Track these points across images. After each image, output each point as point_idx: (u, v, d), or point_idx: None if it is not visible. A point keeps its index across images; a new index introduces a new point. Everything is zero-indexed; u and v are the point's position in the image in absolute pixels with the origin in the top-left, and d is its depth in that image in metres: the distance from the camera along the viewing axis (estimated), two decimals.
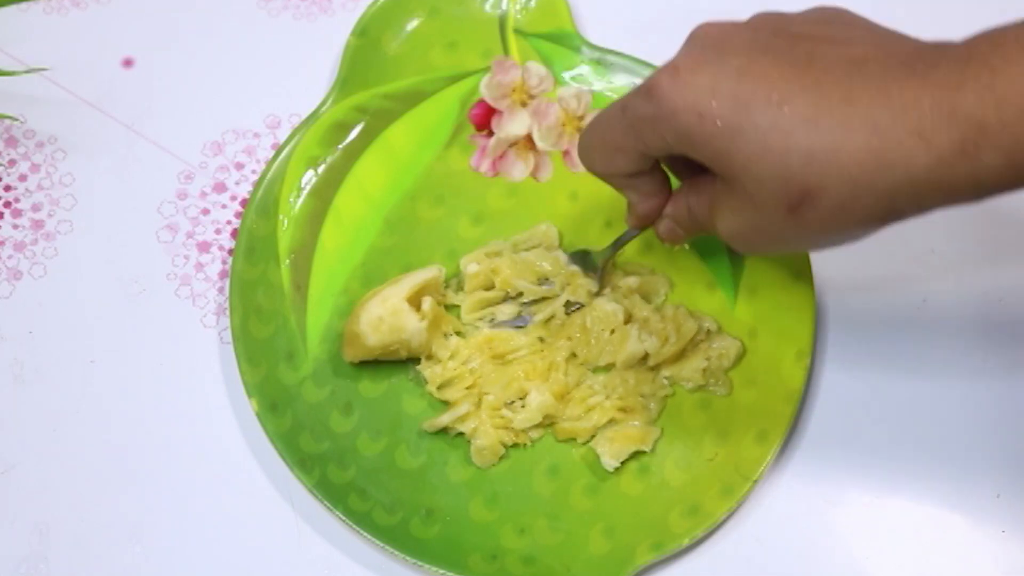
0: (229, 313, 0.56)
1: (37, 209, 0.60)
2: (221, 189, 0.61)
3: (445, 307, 0.57)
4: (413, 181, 0.60)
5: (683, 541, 0.52)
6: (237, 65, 0.64)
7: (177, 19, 0.65)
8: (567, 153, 0.61)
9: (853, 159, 0.39)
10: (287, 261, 0.58)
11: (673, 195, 0.50)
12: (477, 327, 0.56)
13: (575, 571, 0.52)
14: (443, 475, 0.54)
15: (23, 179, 0.61)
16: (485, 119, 0.61)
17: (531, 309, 0.57)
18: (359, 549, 0.53)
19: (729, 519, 0.53)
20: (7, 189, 0.61)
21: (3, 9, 0.64)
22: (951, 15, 0.55)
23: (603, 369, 0.56)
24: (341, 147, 0.60)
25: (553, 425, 0.55)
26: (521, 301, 0.57)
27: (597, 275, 0.56)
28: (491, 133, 0.61)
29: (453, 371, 0.55)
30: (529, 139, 0.60)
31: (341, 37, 0.62)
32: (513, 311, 0.57)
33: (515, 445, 0.55)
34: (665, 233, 0.51)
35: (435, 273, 0.56)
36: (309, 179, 0.59)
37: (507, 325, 0.56)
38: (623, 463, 0.54)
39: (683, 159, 0.44)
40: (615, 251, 0.56)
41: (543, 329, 0.56)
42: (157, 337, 0.57)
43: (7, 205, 0.60)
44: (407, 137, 0.61)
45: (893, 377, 0.56)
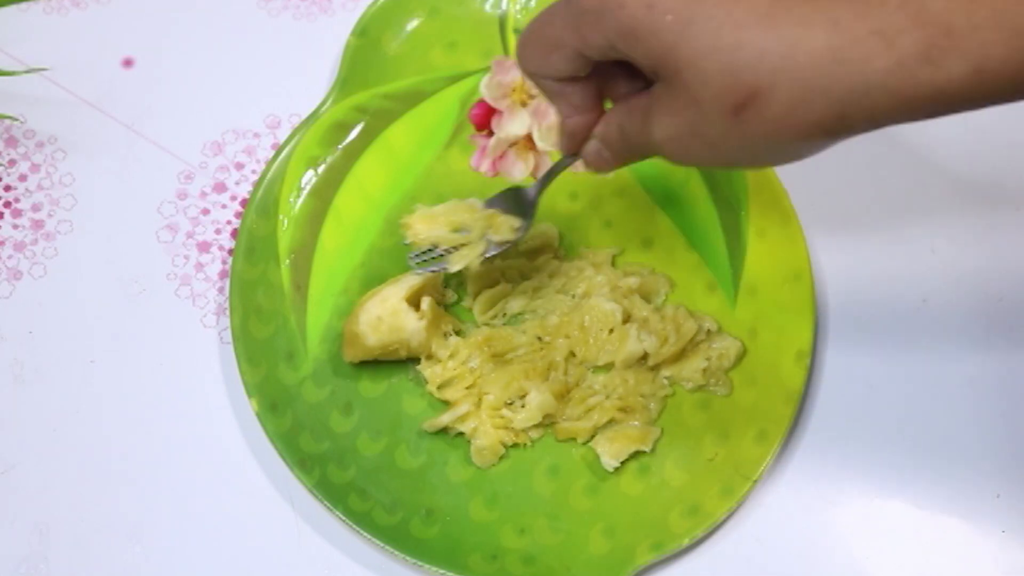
0: (229, 313, 0.56)
1: (37, 209, 0.60)
2: (221, 189, 0.61)
3: (444, 307, 0.57)
4: (413, 181, 0.60)
5: (683, 541, 0.52)
6: (237, 65, 0.64)
7: (177, 19, 0.65)
8: None
9: (809, 58, 0.37)
10: (287, 261, 0.58)
11: (604, 115, 0.46)
12: (492, 325, 0.56)
13: (575, 571, 0.52)
14: (443, 475, 0.54)
15: (23, 179, 0.61)
16: (485, 119, 0.61)
17: (451, 258, 0.54)
18: (359, 549, 0.53)
19: (729, 519, 0.53)
20: (7, 189, 0.61)
21: (3, 9, 0.64)
22: None
23: (603, 369, 0.56)
24: (341, 147, 0.60)
25: (553, 425, 0.55)
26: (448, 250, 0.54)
27: (530, 212, 0.54)
28: (491, 133, 0.60)
29: (453, 371, 0.55)
30: (529, 139, 0.60)
31: (341, 37, 0.62)
32: (522, 304, 0.57)
33: (515, 445, 0.55)
34: (591, 156, 0.47)
35: (434, 273, 0.56)
36: (309, 179, 0.59)
37: (426, 270, 0.54)
38: (623, 463, 0.54)
39: (620, 72, 0.43)
40: (547, 183, 0.53)
41: (541, 328, 0.56)
42: (157, 337, 0.57)
43: (7, 205, 0.60)
44: (407, 137, 0.61)
45: (893, 377, 0.56)
